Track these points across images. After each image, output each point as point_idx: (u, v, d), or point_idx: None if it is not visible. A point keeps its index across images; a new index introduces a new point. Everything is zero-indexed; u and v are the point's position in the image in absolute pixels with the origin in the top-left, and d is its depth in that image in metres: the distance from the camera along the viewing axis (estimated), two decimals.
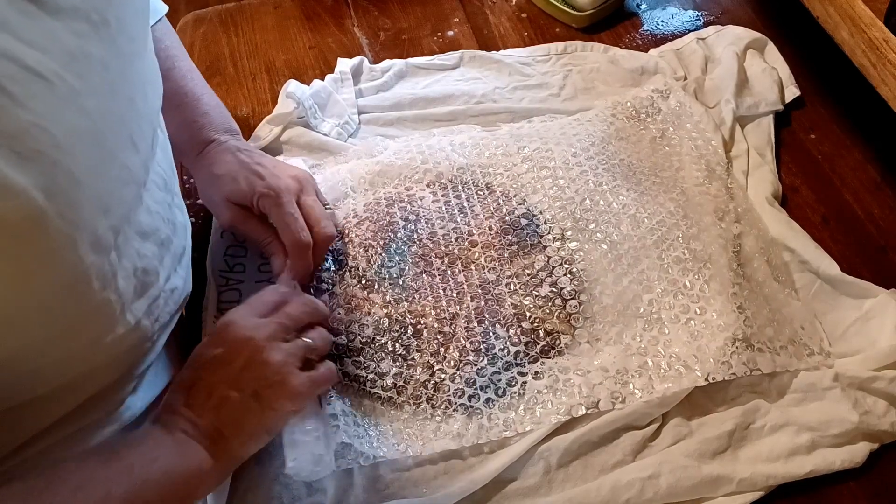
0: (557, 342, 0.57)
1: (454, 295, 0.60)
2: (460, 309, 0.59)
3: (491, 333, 0.58)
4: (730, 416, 0.54)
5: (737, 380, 0.55)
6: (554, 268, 0.61)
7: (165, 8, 0.64)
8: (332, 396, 0.53)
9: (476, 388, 0.55)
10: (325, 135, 0.73)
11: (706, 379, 0.54)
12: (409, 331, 0.58)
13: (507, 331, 0.58)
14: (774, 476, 0.52)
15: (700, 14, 0.88)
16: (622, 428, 0.54)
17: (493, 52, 0.82)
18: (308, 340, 0.51)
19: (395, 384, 0.55)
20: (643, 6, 0.90)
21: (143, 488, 0.40)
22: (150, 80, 0.47)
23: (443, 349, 0.57)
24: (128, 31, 0.42)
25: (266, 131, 0.73)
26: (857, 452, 0.53)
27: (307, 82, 0.76)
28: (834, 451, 0.53)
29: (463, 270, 0.62)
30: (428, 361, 0.56)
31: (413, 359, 0.57)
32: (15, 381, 0.39)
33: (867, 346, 0.58)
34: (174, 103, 0.61)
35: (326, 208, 0.62)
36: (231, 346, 0.48)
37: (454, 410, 0.54)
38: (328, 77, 0.78)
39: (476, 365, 0.56)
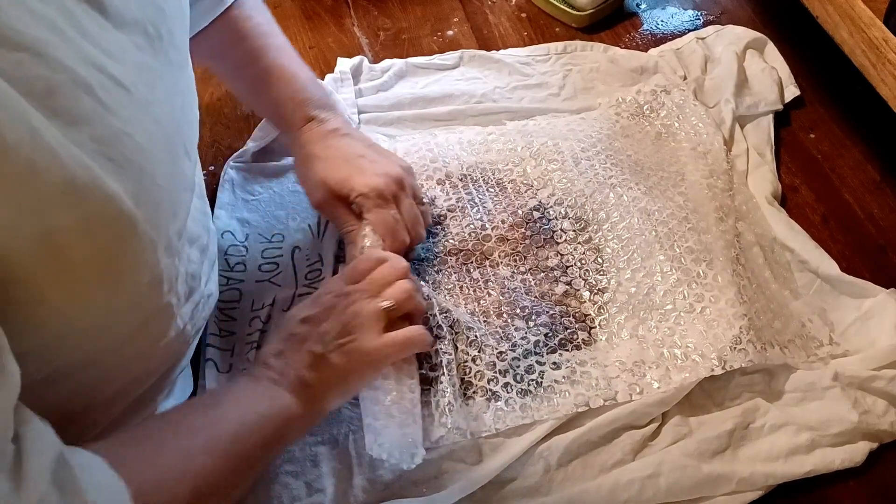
0: (574, 337, 0.58)
1: (471, 291, 0.61)
2: (478, 305, 0.60)
3: (510, 325, 0.58)
4: (729, 415, 0.55)
5: (737, 379, 0.56)
6: (568, 266, 0.62)
7: None
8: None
9: (495, 372, 0.56)
10: None
11: (723, 367, 0.54)
12: (429, 309, 0.58)
13: (527, 323, 0.58)
14: (774, 475, 0.52)
15: (700, 14, 0.88)
16: (622, 427, 0.54)
17: (493, 51, 0.82)
18: (385, 303, 0.52)
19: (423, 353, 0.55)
20: (643, 6, 0.90)
21: (242, 432, 0.43)
22: (192, 88, 0.48)
23: (463, 330, 0.57)
24: (176, 41, 0.43)
25: (266, 130, 0.73)
26: (856, 452, 0.53)
27: None
28: (833, 451, 0.53)
29: (478, 267, 0.62)
30: (451, 339, 0.57)
31: (436, 335, 0.56)
32: (82, 386, 0.40)
33: (867, 346, 0.58)
34: (271, 79, 0.62)
35: (423, 204, 0.63)
36: (320, 308, 0.51)
37: (473, 392, 0.55)
38: (328, 77, 0.78)
39: (496, 349, 0.57)
